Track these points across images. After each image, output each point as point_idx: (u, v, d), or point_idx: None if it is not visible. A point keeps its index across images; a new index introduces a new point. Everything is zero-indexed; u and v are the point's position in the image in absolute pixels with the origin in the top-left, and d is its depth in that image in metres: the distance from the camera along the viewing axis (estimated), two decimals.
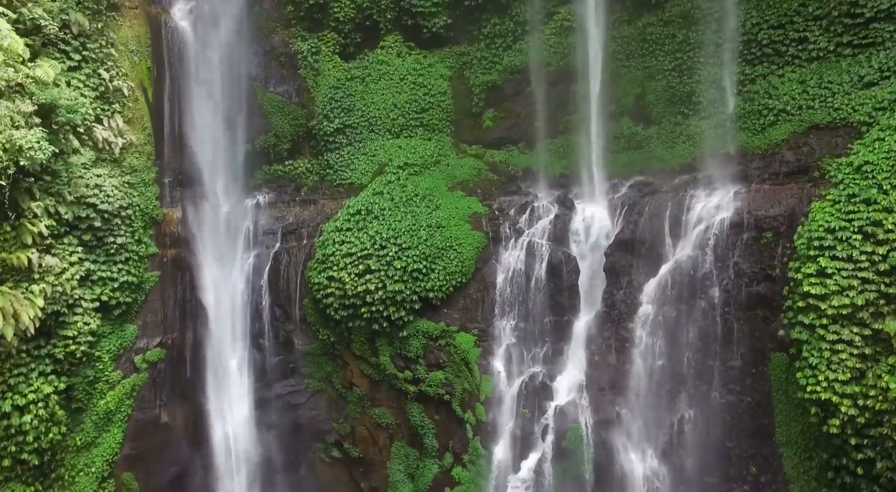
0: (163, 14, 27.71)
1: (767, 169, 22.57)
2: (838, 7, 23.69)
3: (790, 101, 23.17)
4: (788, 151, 22.40)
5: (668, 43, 28.84)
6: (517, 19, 32.30)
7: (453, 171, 29.50)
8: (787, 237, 20.33)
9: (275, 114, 30.72)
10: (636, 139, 28.62)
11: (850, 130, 21.14)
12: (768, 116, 23.77)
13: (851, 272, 17.06)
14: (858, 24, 23.03)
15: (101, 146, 23.12)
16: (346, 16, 31.91)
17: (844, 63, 22.73)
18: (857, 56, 22.70)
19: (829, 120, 21.80)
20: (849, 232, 17.46)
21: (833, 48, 23.58)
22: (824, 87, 22.47)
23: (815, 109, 22.48)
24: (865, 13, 22.77)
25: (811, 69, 23.84)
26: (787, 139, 22.74)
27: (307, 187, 31.15)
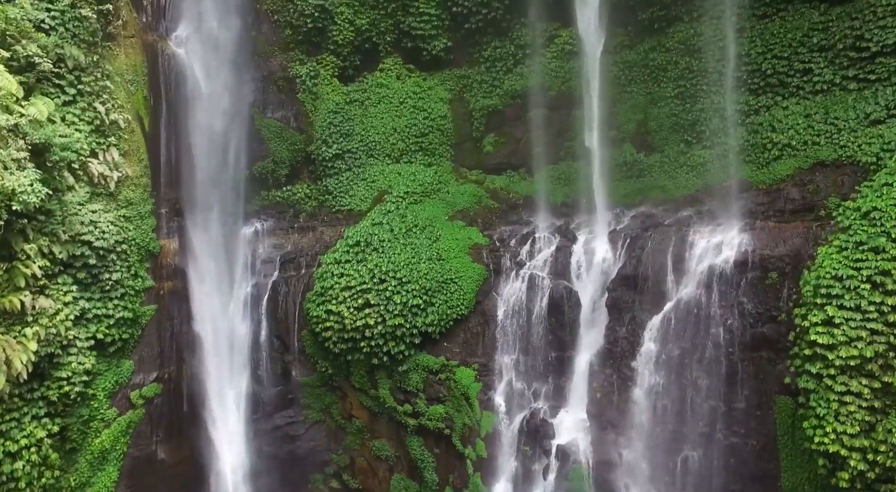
0: (160, 41, 27.37)
1: (772, 205, 22.25)
2: (843, 40, 23.38)
3: (795, 136, 22.85)
4: (794, 187, 22.07)
5: (671, 69, 28.55)
6: (518, 42, 32.02)
7: (453, 198, 29.17)
8: (792, 279, 20.00)
9: (273, 139, 30.39)
10: (638, 167, 28.30)
11: (857, 169, 20.83)
12: (772, 151, 23.46)
13: (860, 323, 16.74)
14: (864, 58, 22.73)
15: (96, 181, 22.79)
16: (345, 39, 31.61)
17: (850, 98, 22.40)
18: (863, 91, 22.38)
19: (835, 157, 21.48)
20: (857, 281, 17.13)
21: (838, 81, 23.26)
22: (830, 123, 22.15)
23: (821, 145, 22.16)
24: (871, 47, 22.45)
25: (816, 102, 23.52)
26: (791, 175, 22.42)
27: (306, 213, 30.81)
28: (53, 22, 22.34)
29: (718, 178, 24.92)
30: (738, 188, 23.75)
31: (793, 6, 25.91)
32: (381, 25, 32.39)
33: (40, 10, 22.10)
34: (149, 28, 28.13)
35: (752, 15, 26.83)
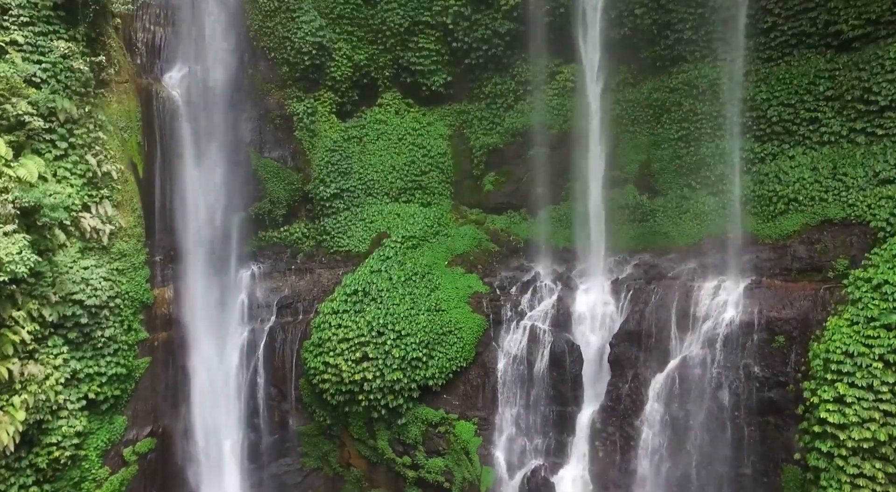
0: (154, 84, 26.90)
1: (779, 263, 21.75)
2: (851, 91, 22.89)
3: (801, 190, 22.36)
4: (800, 245, 21.59)
5: (675, 111, 28.10)
6: (519, 79, 31.58)
7: (453, 242, 28.70)
8: (800, 344, 19.52)
9: (270, 179, 29.91)
10: (641, 211, 27.83)
11: (867, 230, 20.34)
12: (778, 204, 22.98)
13: (872, 403, 16.26)
14: (872, 111, 22.24)
15: (88, 236, 22.29)
16: (342, 75, 31.18)
17: (859, 152, 21.91)
18: (872, 146, 21.89)
19: (844, 216, 21.01)
20: (869, 359, 16.65)
21: (846, 133, 22.79)
22: (838, 179, 21.67)
23: (829, 202, 21.68)
24: (880, 101, 21.97)
25: (823, 154, 23.03)
26: (798, 231, 21.94)
27: (303, 253, 30.34)
28: (45, 74, 21.83)
29: (723, 228, 24.44)
30: (743, 241, 23.25)
31: (798, 51, 25.46)
32: (380, 60, 31.97)
33: (31, 63, 21.61)
34: (143, 70, 27.71)
35: (757, 57, 26.39)
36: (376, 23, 31.37)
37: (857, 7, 23.54)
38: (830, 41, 24.63)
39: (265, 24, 30.11)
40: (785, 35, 25.62)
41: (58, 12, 22.50)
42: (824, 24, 24.55)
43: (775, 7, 25.75)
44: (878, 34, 23.05)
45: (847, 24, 23.71)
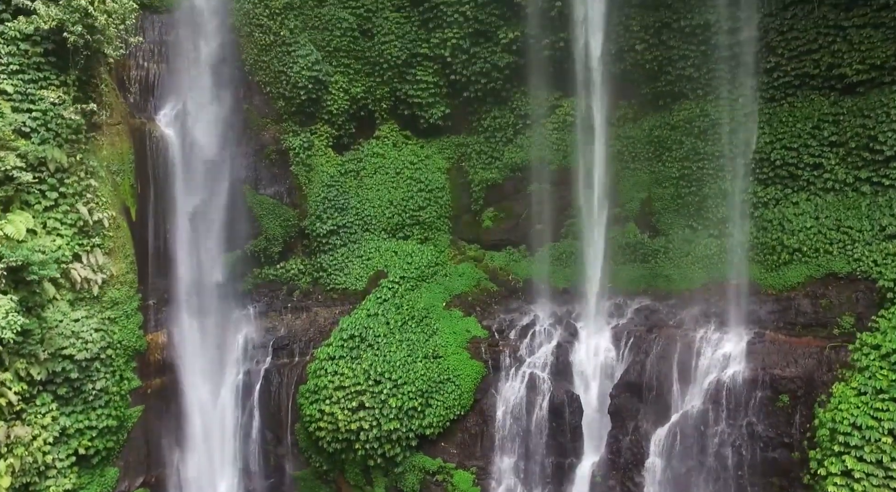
0: (147, 124, 26.49)
1: (783, 316, 21.35)
2: (855, 138, 22.49)
3: (806, 241, 21.95)
4: (805, 298, 21.18)
5: (675, 149, 27.70)
6: (518, 112, 31.19)
7: (451, 282, 28.29)
8: (805, 404, 19.12)
9: (266, 216, 29.52)
10: (642, 250, 27.41)
11: (872, 287, 19.92)
12: (782, 254, 22.56)
13: (882, 481, 15.86)
14: (878, 160, 21.82)
15: (79, 287, 21.90)
16: (339, 108, 30.77)
17: (864, 203, 21.49)
18: (878, 197, 21.48)
19: (849, 270, 20.60)
20: (878, 433, 16.25)
21: (851, 182, 22.39)
22: (843, 232, 21.26)
23: (833, 255, 21.26)
24: (885, 150, 21.57)
25: (828, 202, 22.61)
26: (802, 283, 21.54)
27: (300, 291, 29.93)
28: (35, 123, 21.47)
29: (726, 274, 24.03)
30: (746, 290, 22.83)
31: (802, 92, 25.07)
32: (377, 93, 31.58)
33: (21, 112, 21.24)
34: (136, 109, 27.29)
35: (760, 97, 25.98)
36: (373, 55, 30.98)
37: (860, 51, 23.15)
38: (834, 84, 24.23)
39: (260, 59, 29.70)
40: (788, 75, 25.24)
41: (48, 58, 22.14)
42: (828, 66, 24.16)
43: (778, 47, 25.37)
44: (882, 80, 22.64)
45: (851, 69, 23.32)
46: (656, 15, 28.03)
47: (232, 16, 29.28)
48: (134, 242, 24.98)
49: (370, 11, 30.74)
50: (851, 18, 23.49)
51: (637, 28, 28.34)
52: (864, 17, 23.13)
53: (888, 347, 17.28)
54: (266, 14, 29.40)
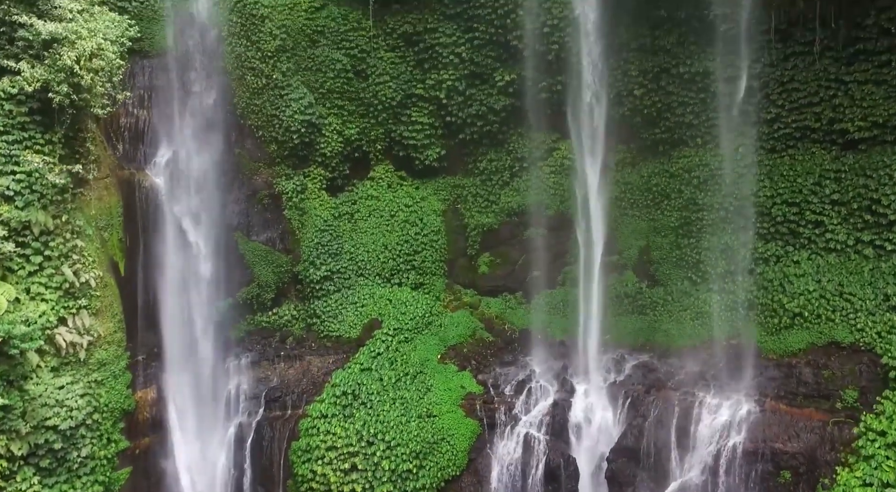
0: (137, 174, 26.08)
1: (784, 384, 20.87)
2: (857, 199, 22.01)
3: (807, 305, 21.49)
4: (806, 367, 20.70)
5: (675, 198, 27.28)
6: (515, 155, 30.81)
7: (446, 332, 27.82)
8: (807, 482, 18.68)
9: (258, 263, 29.06)
10: (641, 301, 26.98)
11: (876, 361, 19.45)
12: (783, 318, 22.09)
13: None
14: (881, 224, 21.34)
15: (64, 352, 21.42)
16: (333, 150, 30.32)
17: (867, 268, 21.03)
18: (881, 262, 21.03)
19: (852, 341, 20.14)
20: None
21: (853, 244, 21.90)
22: (845, 298, 20.79)
23: (836, 323, 20.80)
24: (889, 214, 21.10)
25: (829, 263, 22.14)
26: (804, 350, 21.08)
27: (293, 338, 29.44)
28: (19, 186, 20.97)
29: (726, 332, 23.59)
30: (746, 353, 22.38)
31: (803, 144, 24.65)
32: (371, 134, 31.15)
33: (4, 175, 20.76)
34: (125, 158, 26.89)
35: (760, 147, 25.55)
36: (368, 96, 30.56)
37: (862, 108, 22.72)
38: (836, 138, 23.79)
39: (252, 102, 29.29)
40: (789, 127, 24.83)
41: (33, 117, 21.65)
42: (829, 120, 23.73)
43: (778, 98, 24.95)
44: (884, 138, 22.18)
45: (853, 125, 22.88)
46: (655, 60, 27.64)
47: (223, 59, 28.87)
48: (122, 298, 24.53)
49: (364, 52, 30.32)
50: (853, 73, 23.06)
51: (635, 73, 27.94)
52: (866, 72, 22.69)
53: (895, 435, 16.81)
54: (258, 57, 28.99)
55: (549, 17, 28.11)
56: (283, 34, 28.93)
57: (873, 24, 22.38)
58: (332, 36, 30.13)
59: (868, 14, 22.41)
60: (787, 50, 24.66)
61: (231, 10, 28.90)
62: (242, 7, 28.93)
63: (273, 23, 28.90)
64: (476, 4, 29.08)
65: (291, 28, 29.27)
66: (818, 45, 23.72)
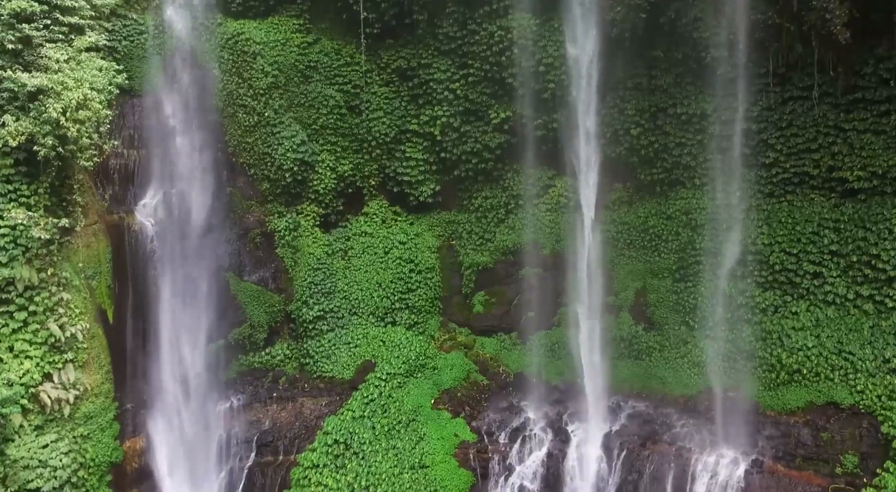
0: (126, 218, 25.71)
1: (782, 443, 20.50)
2: (857, 252, 21.63)
3: (805, 362, 21.12)
4: (805, 427, 20.33)
5: (671, 240, 26.94)
6: (511, 192, 30.49)
7: (440, 376, 27.43)
8: None
9: (250, 304, 28.68)
10: (637, 346, 26.58)
11: (877, 425, 19.06)
12: (781, 374, 21.72)
13: None
14: (880, 279, 20.96)
15: (49, 409, 21.05)
16: (326, 187, 29.96)
17: (867, 325, 20.65)
18: (880, 318, 20.67)
19: (851, 402, 19.77)
20: None
21: (852, 298, 21.50)
22: (844, 357, 20.42)
23: (835, 383, 20.43)
24: (888, 270, 20.71)
25: (829, 317, 21.76)
26: (803, 408, 20.70)
27: (286, 378, 29.02)
28: (3, 241, 20.62)
29: (723, 384, 23.18)
30: (744, 407, 22.00)
31: (801, 190, 24.31)
32: (365, 169, 30.83)
33: None
34: (115, 201, 26.54)
35: (758, 191, 25.19)
36: (361, 132, 30.25)
37: (861, 157, 22.36)
38: (835, 186, 23.42)
39: (244, 140, 28.99)
40: (787, 173, 24.49)
41: (18, 169, 21.31)
42: (828, 168, 23.39)
43: (777, 143, 24.59)
44: (884, 189, 21.80)
45: (852, 174, 22.52)
46: (651, 99, 27.31)
47: (215, 97, 28.51)
48: (111, 346, 24.13)
49: (357, 87, 30.01)
50: (852, 121, 22.70)
51: (632, 112, 27.60)
52: (865, 121, 22.33)
53: None
54: (250, 94, 28.66)
55: (545, 56, 27.77)
56: (276, 71, 28.59)
57: (872, 73, 22.03)
58: (325, 71, 29.83)
59: (867, 63, 22.05)
60: (786, 94, 24.30)
61: (223, 47, 28.55)
62: (234, 44, 28.58)
63: (265, 59, 28.54)
64: (470, 41, 28.74)
65: (284, 64, 28.93)
66: (817, 91, 23.37)
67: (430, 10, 28.83)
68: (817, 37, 22.29)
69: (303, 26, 30.05)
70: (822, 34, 21.94)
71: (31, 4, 21.42)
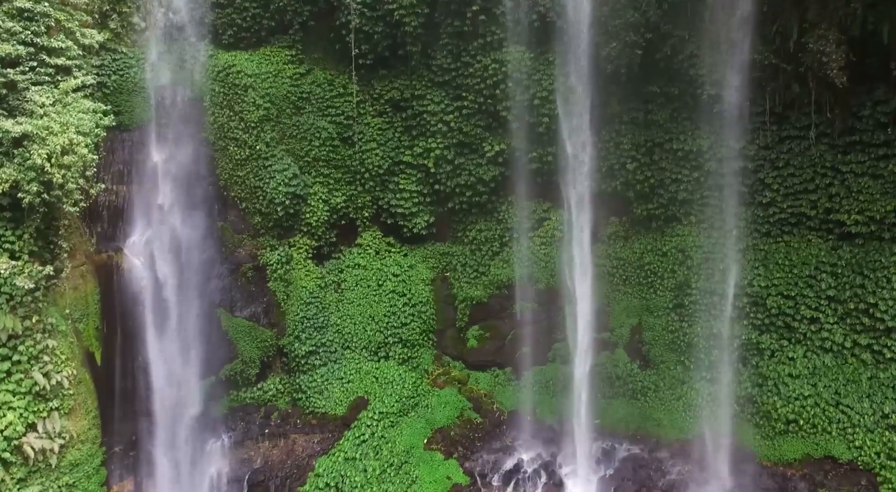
0: (115, 256, 25.41)
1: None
2: (854, 299, 21.28)
3: (802, 413, 20.77)
4: (802, 481, 20.01)
5: (667, 278, 26.58)
6: (505, 224, 30.12)
7: (433, 414, 27.08)
8: None
9: (241, 339, 28.34)
10: (632, 385, 26.25)
11: (875, 482, 18.70)
12: (778, 423, 21.36)
13: None
14: (878, 328, 20.59)
15: (33, 460, 20.73)
16: (319, 219, 29.61)
17: (865, 376, 20.30)
18: (879, 370, 20.33)
19: (849, 458, 19.40)
20: None
21: (850, 346, 21.14)
22: (842, 410, 20.06)
23: (832, 436, 20.08)
24: (887, 320, 20.34)
25: (826, 365, 21.41)
26: (800, 460, 20.37)
27: (278, 413, 28.68)
28: None
29: (719, 430, 22.83)
30: (739, 455, 21.65)
31: (799, 231, 23.94)
32: (358, 201, 30.50)
33: None
34: (104, 238, 26.18)
35: (755, 231, 24.86)
36: (354, 163, 29.94)
37: (859, 201, 22.00)
38: (832, 228, 23.06)
39: (236, 174, 28.62)
40: (784, 213, 24.12)
41: (3, 214, 21.02)
42: (825, 210, 23.02)
43: (773, 182, 24.25)
44: (882, 235, 21.43)
45: (849, 217, 22.15)
46: (647, 134, 26.95)
47: (206, 130, 28.21)
48: (98, 389, 23.81)
49: (350, 119, 29.72)
50: (849, 163, 22.35)
51: (628, 146, 27.28)
52: (862, 164, 21.98)
53: None
54: (241, 127, 28.32)
55: (539, 89, 27.46)
56: (268, 103, 28.28)
57: (870, 116, 21.69)
58: (318, 102, 29.55)
59: (864, 105, 21.71)
60: (783, 133, 23.97)
61: (213, 79, 28.21)
62: (225, 77, 28.25)
63: (256, 92, 28.23)
64: (464, 73, 28.43)
65: (276, 96, 28.62)
66: (814, 131, 23.03)
67: (424, 41, 28.56)
68: (814, 78, 21.96)
69: (295, 57, 29.74)
70: (818, 76, 21.62)
71: (16, 48, 21.14)
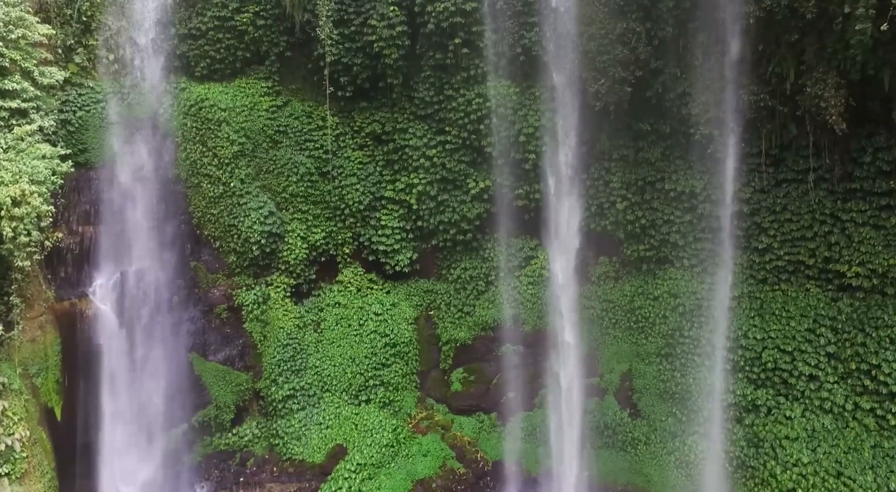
0: (78, 303, 24.21)
1: None
2: (856, 358, 20.08)
3: (801, 481, 19.60)
4: None
5: (659, 323, 25.38)
6: (491, 263, 28.88)
7: (414, 465, 25.89)
8: None
9: (215, 385, 27.14)
10: (621, 435, 25.10)
11: None
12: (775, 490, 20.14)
13: None
14: (882, 393, 19.40)
15: None
16: (297, 257, 28.37)
17: (867, 444, 19.10)
18: (882, 437, 19.11)
19: None
20: None
21: (851, 409, 19.94)
22: (844, 482, 18.86)
23: None
24: (890, 384, 19.13)
25: (826, 428, 20.22)
26: None
27: (254, 459, 27.49)
28: None
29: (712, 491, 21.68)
30: None
31: (796, 279, 22.74)
32: (339, 237, 29.27)
33: None
34: (67, 284, 24.92)
35: (750, 277, 23.67)
36: (334, 199, 28.76)
37: (860, 252, 20.80)
38: (832, 278, 21.86)
39: (209, 211, 27.40)
40: (781, 260, 22.93)
41: None
42: (824, 259, 21.84)
43: (770, 227, 23.07)
44: (885, 290, 20.23)
45: (849, 269, 20.95)
46: (638, 172, 25.82)
47: (177, 166, 27.01)
48: (57, 447, 22.67)
49: (329, 152, 28.48)
50: (849, 212, 21.16)
51: (618, 184, 26.11)
52: (863, 213, 20.78)
53: None
54: (215, 164, 27.10)
55: (525, 125, 26.31)
56: (243, 138, 27.08)
57: (871, 163, 20.50)
58: (296, 136, 28.38)
59: (864, 151, 20.54)
60: (779, 176, 22.80)
61: (185, 114, 27.02)
62: (198, 111, 27.05)
63: (231, 127, 27.03)
64: (447, 107, 27.27)
65: (251, 130, 27.42)
66: (812, 175, 21.85)
67: (405, 73, 27.40)
68: (812, 121, 20.79)
69: (272, 88, 28.55)
70: (816, 119, 20.45)
71: None
